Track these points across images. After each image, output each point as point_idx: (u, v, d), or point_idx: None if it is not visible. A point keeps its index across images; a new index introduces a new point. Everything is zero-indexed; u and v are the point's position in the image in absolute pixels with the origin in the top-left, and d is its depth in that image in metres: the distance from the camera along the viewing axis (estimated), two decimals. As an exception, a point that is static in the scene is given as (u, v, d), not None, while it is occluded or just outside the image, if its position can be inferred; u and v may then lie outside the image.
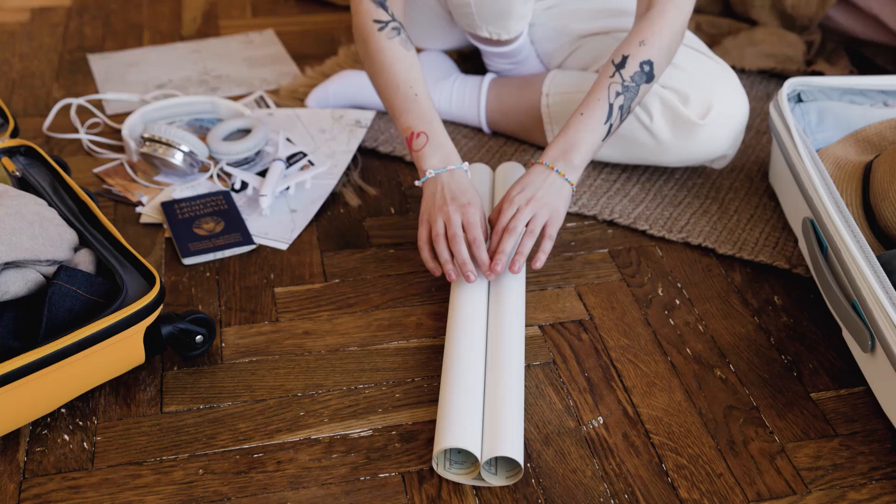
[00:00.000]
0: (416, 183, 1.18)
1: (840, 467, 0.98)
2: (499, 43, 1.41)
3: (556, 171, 1.15)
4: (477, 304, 1.10)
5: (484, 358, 1.04)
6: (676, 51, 1.23)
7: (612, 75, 1.19)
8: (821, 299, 1.19)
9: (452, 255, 1.13)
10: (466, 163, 1.19)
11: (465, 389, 0.98)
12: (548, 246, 1.14)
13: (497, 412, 0.96)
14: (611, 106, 1.17)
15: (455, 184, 1.16)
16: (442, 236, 1.13)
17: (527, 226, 1.13)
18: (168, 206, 1.32)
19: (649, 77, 1.19)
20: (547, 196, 1.14)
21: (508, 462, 0.96)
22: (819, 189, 1.11)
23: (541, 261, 1.13)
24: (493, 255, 1.11)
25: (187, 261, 1.24)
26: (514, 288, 1.11)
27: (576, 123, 1.18)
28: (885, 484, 0.96)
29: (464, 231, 1.13)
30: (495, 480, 0.94)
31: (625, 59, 1.19)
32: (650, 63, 1.19)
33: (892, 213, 1.12)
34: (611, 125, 1.18)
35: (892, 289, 0.97)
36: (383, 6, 1.22)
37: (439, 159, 1.18)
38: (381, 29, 1.21)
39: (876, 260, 1.01)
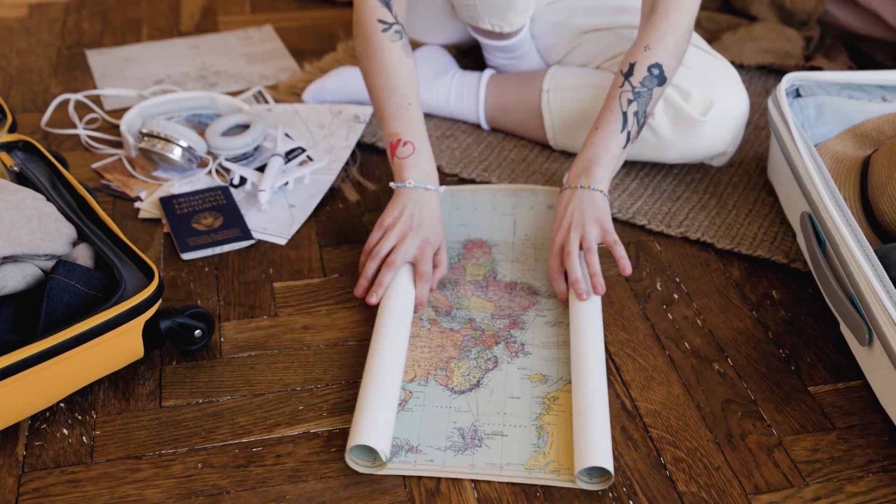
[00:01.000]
0: (392, 185, 1.19)
1: (837, 460, 0.98)
2: (500, 36, 1.41)
3: (581, 186, 1.16)
4: (404, 308, 1.10)
5: (404, 361, 1.05)
6: (686, 49, 1.23)
7: (622, 85, 1.19)
8: (819, 294, 1.19)
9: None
10: (444, 187, 1.21)
11: (382, 390, 0.99)
12: (619, 250, 1.13)
13: (584, 422, 0.96)
14: (624, 114, 1.18)
15: (427, 212, 1.17)
16: (380, 256, 1.14)
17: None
18: (166, 202, 1.32)
19: (661, 80, 1.19)
20: (583, 214, 1.15)
21: (592, 468, 0.95)
22: (817, 184, 1.11)
23: (626, 266, 1.12)
24: (570, 283, 1.12)
25: (186, 256, 1.24)
26: (591, 301, 1.11)
27: (592, 139, 1.19)
28: (881, 476, 0.96)
29: (415, 264, 1.14)
30: (585, 485, 0.94)
31: (632, 66, 1.20)
32: (659, 66, 1.19)
33: (889, 208, 1.13)
34: (628, 133, 1.18)
35: (890, 283, 0.97)
36: (388, 6, 1.22)
37: (421, 174, 1.19)
38: (384, 30, 1.21)
39: (874, 254, 1.01)
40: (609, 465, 0.92)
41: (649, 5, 1.23)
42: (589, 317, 1.09)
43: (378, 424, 0.95)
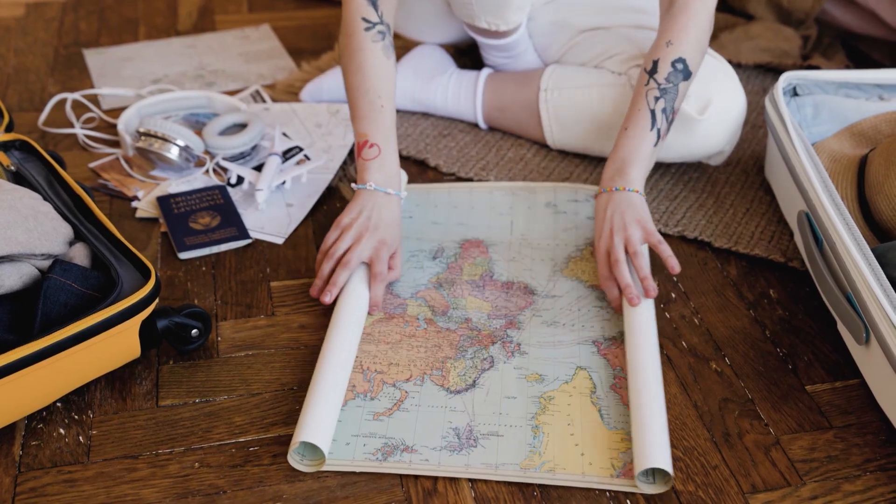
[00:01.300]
0: (353, 186, 1.19)
1: (835, 459, 0.98)
2: (497, 35, 1.41)
3: (616, 188, 1.16)
4: (357, 309, 1.11)
5: (352, 361, 1.06)
6: (707, 41, 1.22)
7: (647, 83, 1.19)
8: (816, 292, 1.19)
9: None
10: (405, 192, 1.21)
11: (327, 390, 0.99)
12: (665, 250, 1.13)
13: (643, 425, 0.95)
14: (652, 112, 1.18)
15: (386, 214, 1.17)
16: (335, 256, 1.14)
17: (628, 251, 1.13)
18: (164, 201, 1.32)
19: (686, 74, 1.19)
20: (623, 216, 1.14)
21: (654, 470, 0.95)
22: (814, 182, 1.11)
23: (675, 264, 1.12)
24: (622, 290, 1.11)
25: (183, 255, 1.24)
26: (643, 306, 1.10)
27: (622, 139, 1.19)
28: (879, 475, 0.96)
29: (370, 265, 1.14)
30: (646, 488, 0.93)
31: (655, 63, 1.19)
32: (682, 60, 1.18)
33: (887, 206, 1.13)
34: (658, 130, 1.18)
35: (887, 281, 0.97)
36: (374, 5, 1.22)
37: (383, 177, 1.18)
38: (367, 29, 1.21)
39: (871, 253, 1.01)
40: (669, 466, 0.92)
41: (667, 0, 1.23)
42: (644, 320, 1.08)
43: (321, 423, 0.95)
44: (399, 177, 1.21)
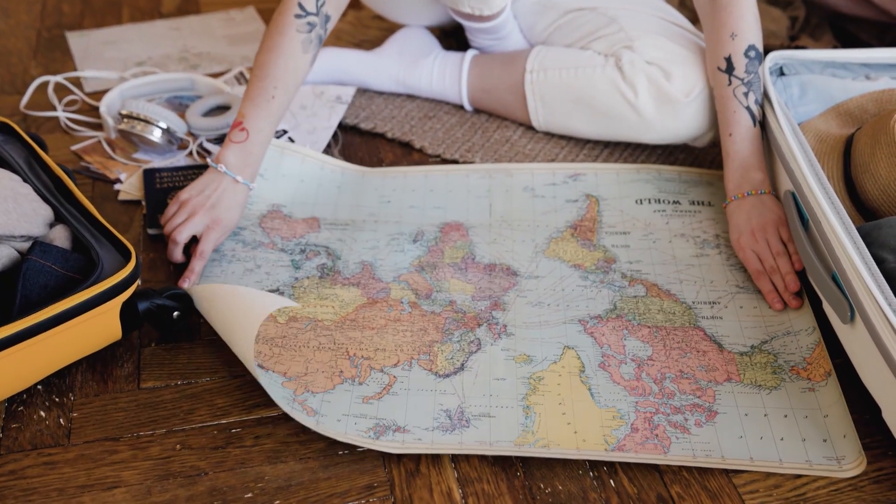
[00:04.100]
0: (208, 160, 1.18)
1: (819, 438, 0.98)
2: (481, 18, 1.40)
3: (748, 194, 1.16)
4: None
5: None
6: (758, 13, 1.23)
7: (730, 83, 1.20)
8: (801, 272, 1.19)
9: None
10: (255, 185, 1.20)
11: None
12: (792, 246, 1.13)
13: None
14: (748, 108, 1.19)
15: (228, 197, 1.16)
16: (170, 237, 1.15)
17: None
18: (149, 174, 1.31)
19: (760, 58, 1.20)
20: (759, 219, 1.15)
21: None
22: (800, 162, 1.11)
23: (798, 260, 1.13)
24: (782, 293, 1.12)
25: (152, 231, 1.23)
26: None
27: (731, 147, 1.20)
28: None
29: (199, 239, 1.15)
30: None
31: (728, 60, 1.20)
32: (753, 47, 1.19)
33: (873, 186, 1.12)
34: (760, 123, 1.19)
35: (872, 260, 0.97)
36: None
37: (238, 163, 1.17)
38: (298, 16, 1.20)
39: (856, 232, 1.00)
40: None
41: None
42: None
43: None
44: (255, 168, 1.19)
